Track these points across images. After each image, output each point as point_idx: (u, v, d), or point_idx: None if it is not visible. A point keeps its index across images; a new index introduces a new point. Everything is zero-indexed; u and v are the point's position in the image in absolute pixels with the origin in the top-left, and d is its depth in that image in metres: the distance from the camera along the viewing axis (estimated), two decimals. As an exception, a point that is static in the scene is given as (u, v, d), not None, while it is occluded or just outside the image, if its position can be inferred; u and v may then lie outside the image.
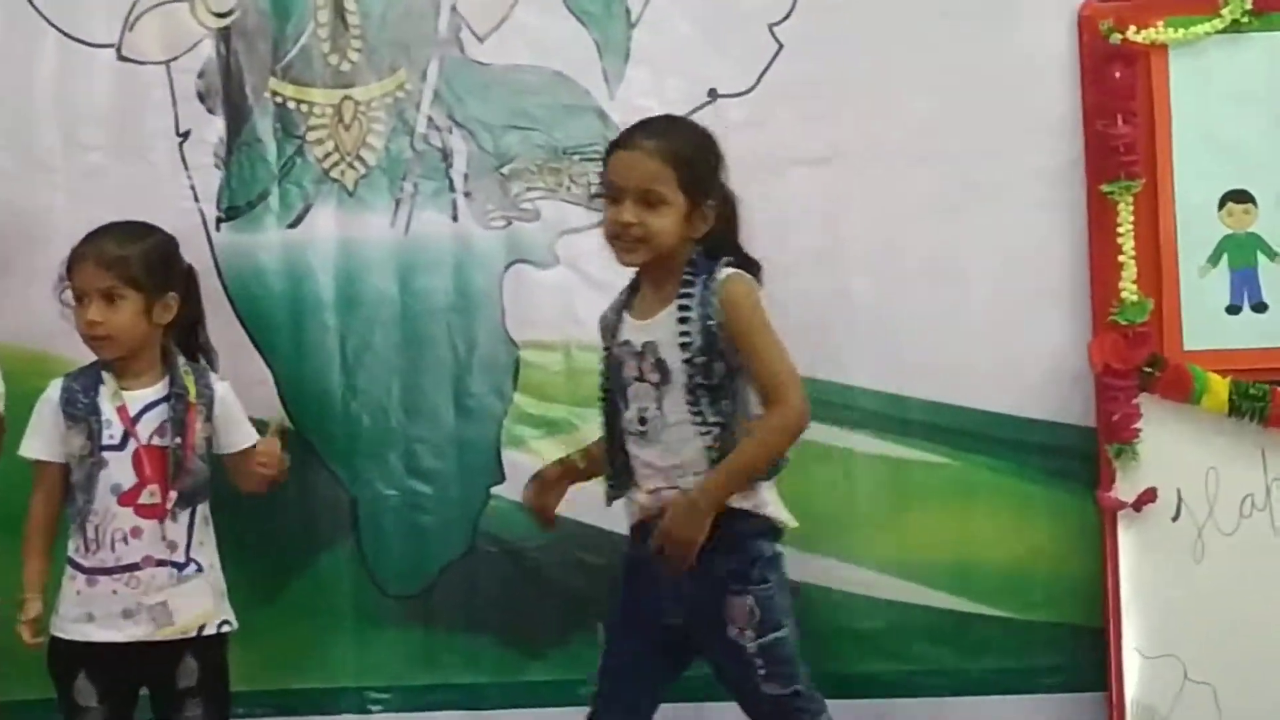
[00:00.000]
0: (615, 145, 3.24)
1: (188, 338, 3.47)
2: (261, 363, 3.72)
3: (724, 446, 3.15)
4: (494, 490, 3.69)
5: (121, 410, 3.34)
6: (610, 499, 3.28)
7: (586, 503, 3.42)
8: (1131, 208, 3.59)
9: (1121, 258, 3.60)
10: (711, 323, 3.14)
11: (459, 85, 3.71)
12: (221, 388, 3.42)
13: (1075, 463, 3.66)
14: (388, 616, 3.73)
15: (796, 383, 3.16)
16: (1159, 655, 3.58)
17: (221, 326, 3.61)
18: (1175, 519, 3.60)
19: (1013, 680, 3.67)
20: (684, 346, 3.16)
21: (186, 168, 3.73)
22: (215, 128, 3.73)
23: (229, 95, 3.72)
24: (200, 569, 3.35)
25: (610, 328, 3.28)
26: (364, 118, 3.71)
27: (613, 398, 3.25)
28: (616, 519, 3.33)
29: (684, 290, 3.18)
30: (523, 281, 3.74)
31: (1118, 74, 3.58)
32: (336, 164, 3.72)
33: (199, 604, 3.33)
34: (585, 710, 3.27)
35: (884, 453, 3.68)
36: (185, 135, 3.72)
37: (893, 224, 3.67)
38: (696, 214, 3.19)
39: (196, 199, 3.72)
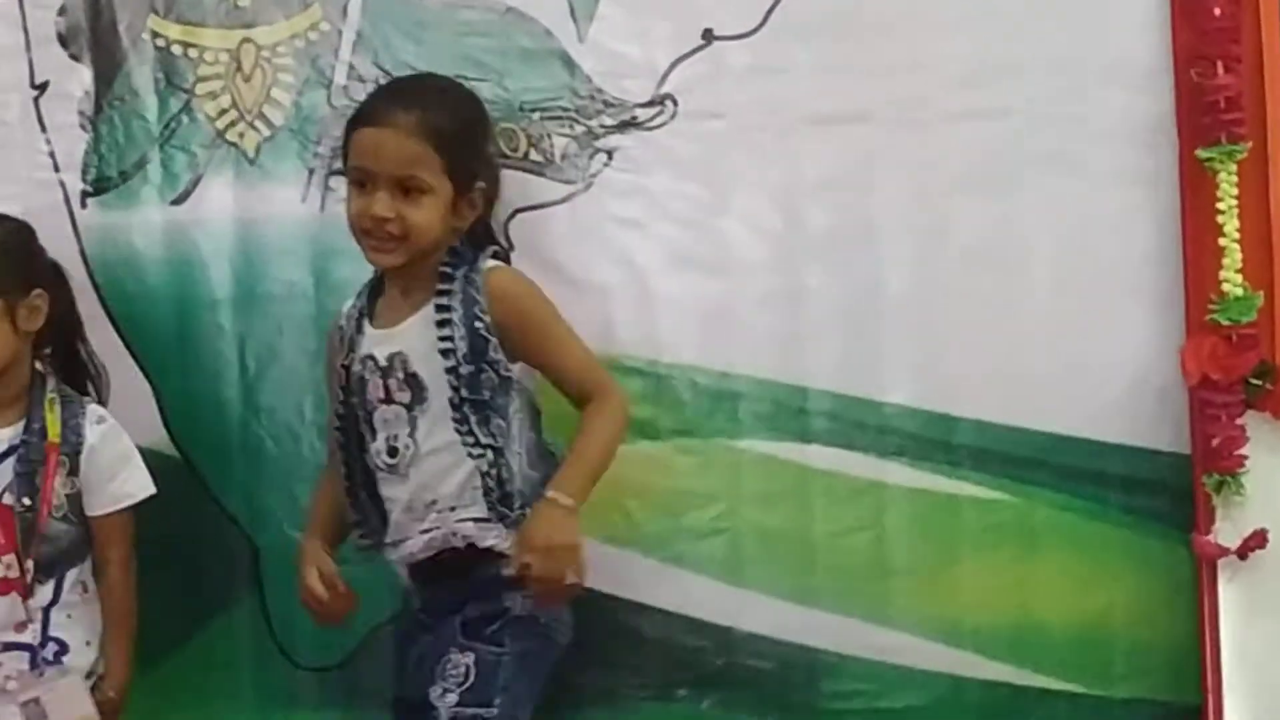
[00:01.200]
0: (360, 120, 3.10)
1: (65, 358, 3.26)
2: (139, 375, 3.47)
3: (500, 475, 3.00)
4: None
5: None
6: (365, 549, 3.14)
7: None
8: (1234, 178, 3.28)
9: (1222, 241, 3.29)
10: (480, 324, 3.01)
11: (387, 25, 3.44)
12: (95, 433, 3.19)
13: (1164, 499, 3.36)
14: (300, 694, 3.48)
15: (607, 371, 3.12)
16: (1270, 739, 3.41)
17: (88, 329, 3.38)
18: (1290, 569, 3.44)
19: (1087, 771, 3.45)
20: (445, 354, 3.01)
21: (44, 129, 3.51)
22: (80, 79, 3.50)
23: (98, 38, 3.50)
24: (64, 649, 3.14)
25: (344, 340, 3.12)
26: (268, 66, 3.47)
27: (351, 428, 3.10)
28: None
29: (442, 287, 3.04)
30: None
31: (1217, 10, 3.27)
32: (234, 124, 3.48)
33: (80, 707, 3.12)
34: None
35: (925, 486, 3.38)
36: (42, 88, 3.50)
37: (933, 199, 3.36)
38: (464, 202, 3.07)
39: (56, 168, 3.51)
